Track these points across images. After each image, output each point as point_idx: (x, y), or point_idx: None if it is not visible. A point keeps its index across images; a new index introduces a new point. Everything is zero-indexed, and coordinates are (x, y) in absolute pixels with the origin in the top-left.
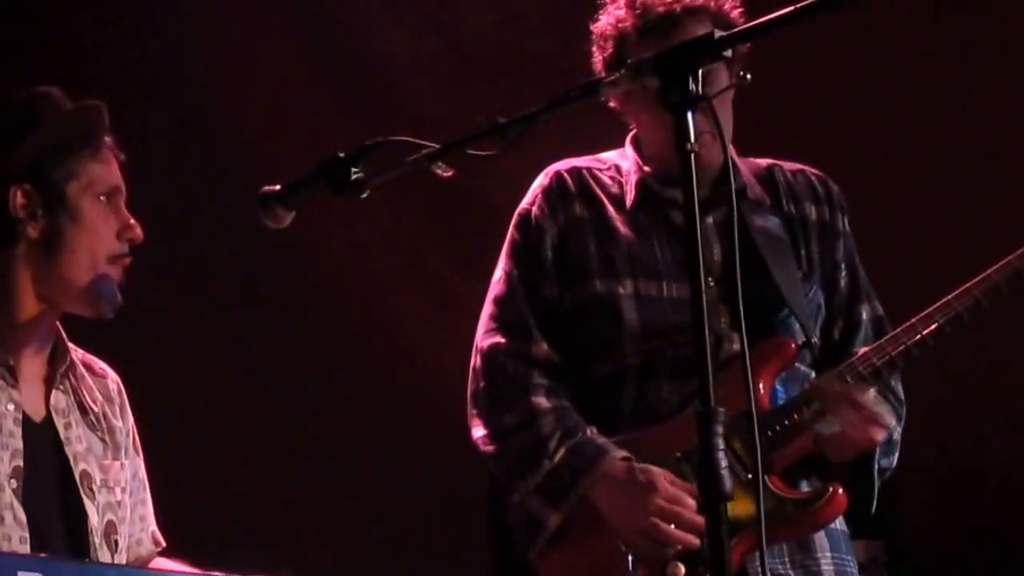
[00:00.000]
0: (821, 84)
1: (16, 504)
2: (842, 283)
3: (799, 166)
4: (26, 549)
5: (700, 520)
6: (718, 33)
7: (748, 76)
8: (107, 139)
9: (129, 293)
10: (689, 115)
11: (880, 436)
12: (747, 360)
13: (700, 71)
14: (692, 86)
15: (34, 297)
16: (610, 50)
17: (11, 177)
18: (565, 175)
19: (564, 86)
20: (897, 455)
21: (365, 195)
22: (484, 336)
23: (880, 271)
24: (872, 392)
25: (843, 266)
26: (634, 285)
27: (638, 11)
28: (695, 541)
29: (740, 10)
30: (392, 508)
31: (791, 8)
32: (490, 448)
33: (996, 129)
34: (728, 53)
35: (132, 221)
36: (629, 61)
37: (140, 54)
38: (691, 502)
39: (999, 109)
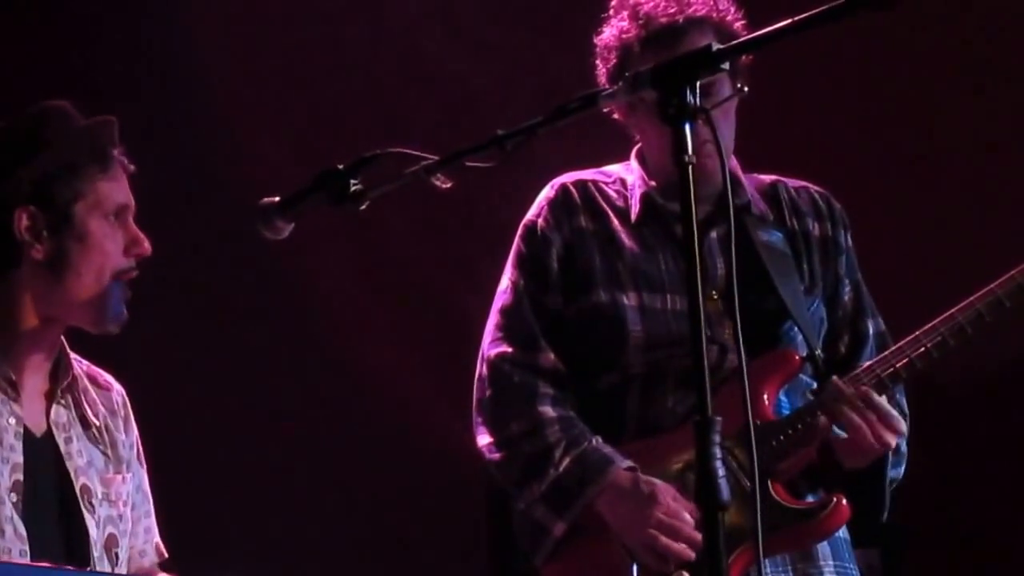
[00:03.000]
0: (824, 100)
1: (16, 518)
2: (846, 298)
3: (802, 183)
4: (26, 562)
5: (698, 535)
6: (716, 45)
7: (746, 88)
8: (116, 153)
9: (133, 305)
10: (687, 127)
11: (893, 440)
12: (744, 372)
13: (698, 83)
14: (690, 98)
15: (37, 316)
16: (613, 62)
17: (17, 199)
18: (571, 188)
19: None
20: (904, 467)
21: (364, 207)
22: (490, 345)
23: (882, 288)
24: (884, 398)
25: (847, 281)
26: (638, 297)
27: (641, 22)
28: (691, 555)
29: (743, 22)
30: (393, 520)
31: (790, 21)
32: (495, 456)
33: (999, 145)
34: (726, 66)
35: (140, 236)
36: (627, 74)
37: (142, 64)
38: (689, 518)
39: (1003, 124)
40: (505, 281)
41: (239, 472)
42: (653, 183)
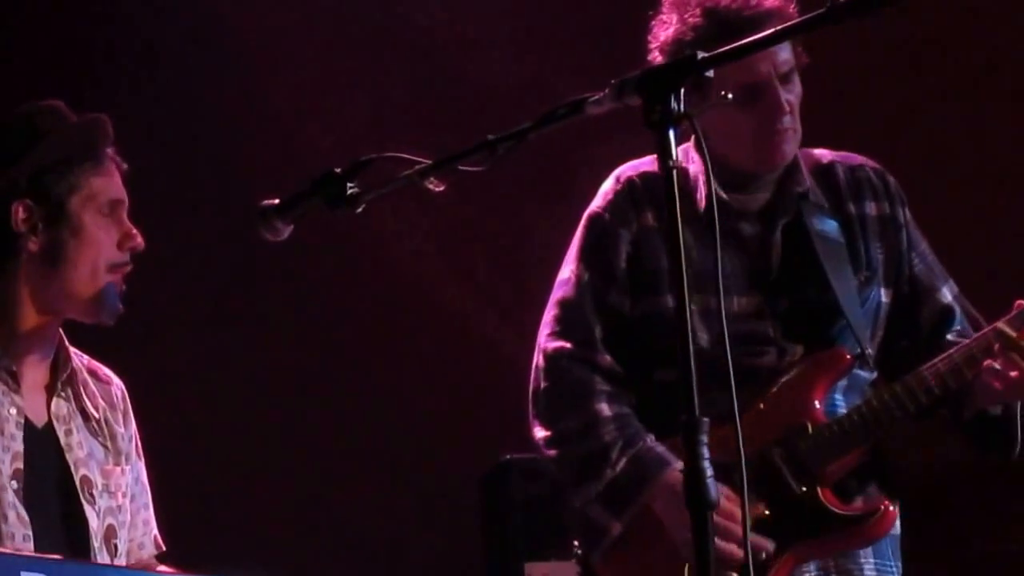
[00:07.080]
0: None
1: (18, 503)
2: (917, 271)
3: (858, 160)
4: (30, 546)
5: (753, 536)
6: (701, 53)
7: (730, 95)
8: (109, 151)
9: (133, 299)
10: (671, 133)
11: None
12: (731, 373)
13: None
14: (674, 104)
15: (35, 308)
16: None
17: (13, 193)
18: (636, 181)
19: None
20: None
21: (360, 210)
22: (548, 338)
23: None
24: None
25: (912, 255)
26: (703, 301)
27: (721, 15)
28: (742, 555)
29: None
30: (392, 515)
31: (798, 18)
32: (552, 452)
33: None
34: (710, 73)
35: (133, 231)
36: (612, 81)
37: (149, 61)
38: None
39: None
40: (567, 272)
41: (237, 466)
42: (721, 176)
